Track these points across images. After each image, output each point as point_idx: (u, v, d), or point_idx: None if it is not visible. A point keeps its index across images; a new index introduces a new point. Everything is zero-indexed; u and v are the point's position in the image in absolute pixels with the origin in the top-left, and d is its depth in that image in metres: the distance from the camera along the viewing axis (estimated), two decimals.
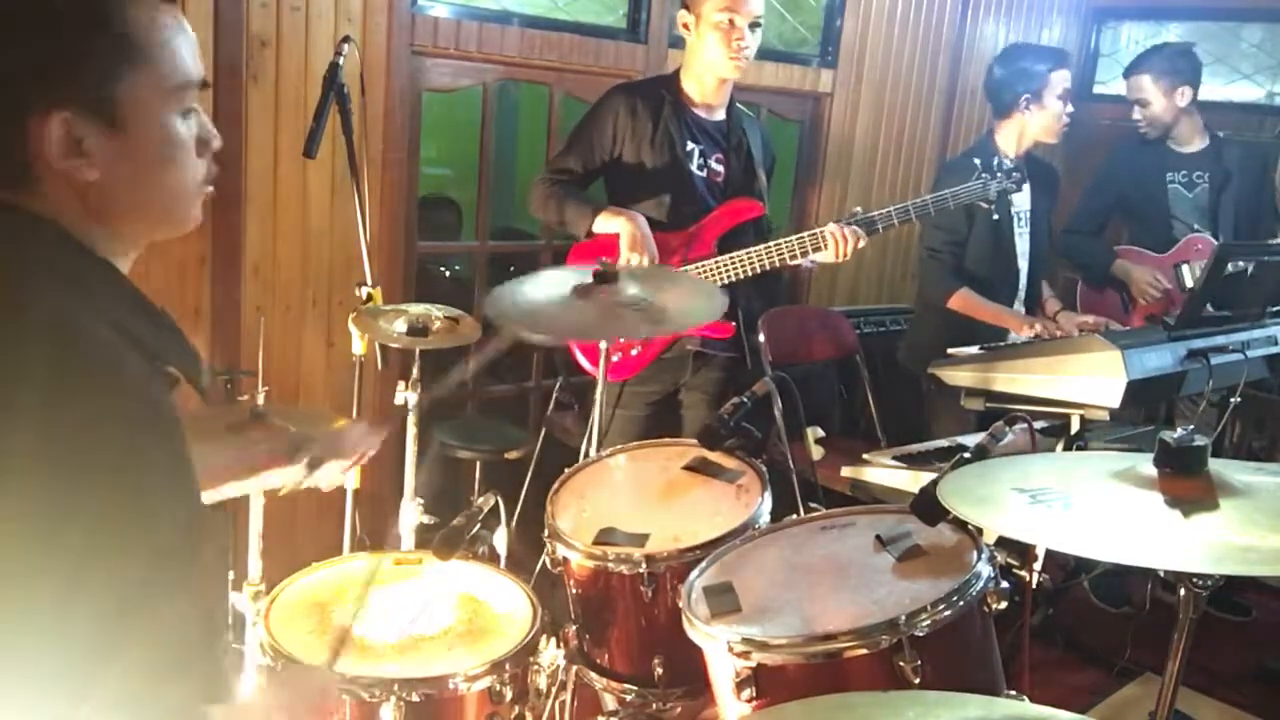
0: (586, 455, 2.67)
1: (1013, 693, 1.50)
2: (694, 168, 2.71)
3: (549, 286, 1.99)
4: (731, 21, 2.55)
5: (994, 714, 0.98)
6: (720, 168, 2.75)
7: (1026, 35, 4.74)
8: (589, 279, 1.94)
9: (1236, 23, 4.70)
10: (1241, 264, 3.16)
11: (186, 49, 0.99)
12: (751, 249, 2.64)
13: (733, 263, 2.64)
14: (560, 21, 3.40)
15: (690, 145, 2.70)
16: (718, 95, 2.72)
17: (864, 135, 4.31)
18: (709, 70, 2.64)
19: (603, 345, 2.26)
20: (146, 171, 0.98)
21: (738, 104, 2.82)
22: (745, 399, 2.00)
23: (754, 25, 2.59)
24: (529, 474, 3.11)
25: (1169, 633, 1.42)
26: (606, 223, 2.60)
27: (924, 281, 3.26)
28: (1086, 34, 5.09)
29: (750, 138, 2.80)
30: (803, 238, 2.61)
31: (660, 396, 2.81)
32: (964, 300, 3.08)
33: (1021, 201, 3.19)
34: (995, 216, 2.93)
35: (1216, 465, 1.35)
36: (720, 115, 2.76)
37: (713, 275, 2.65)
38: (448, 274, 3.97)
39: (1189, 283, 3.45)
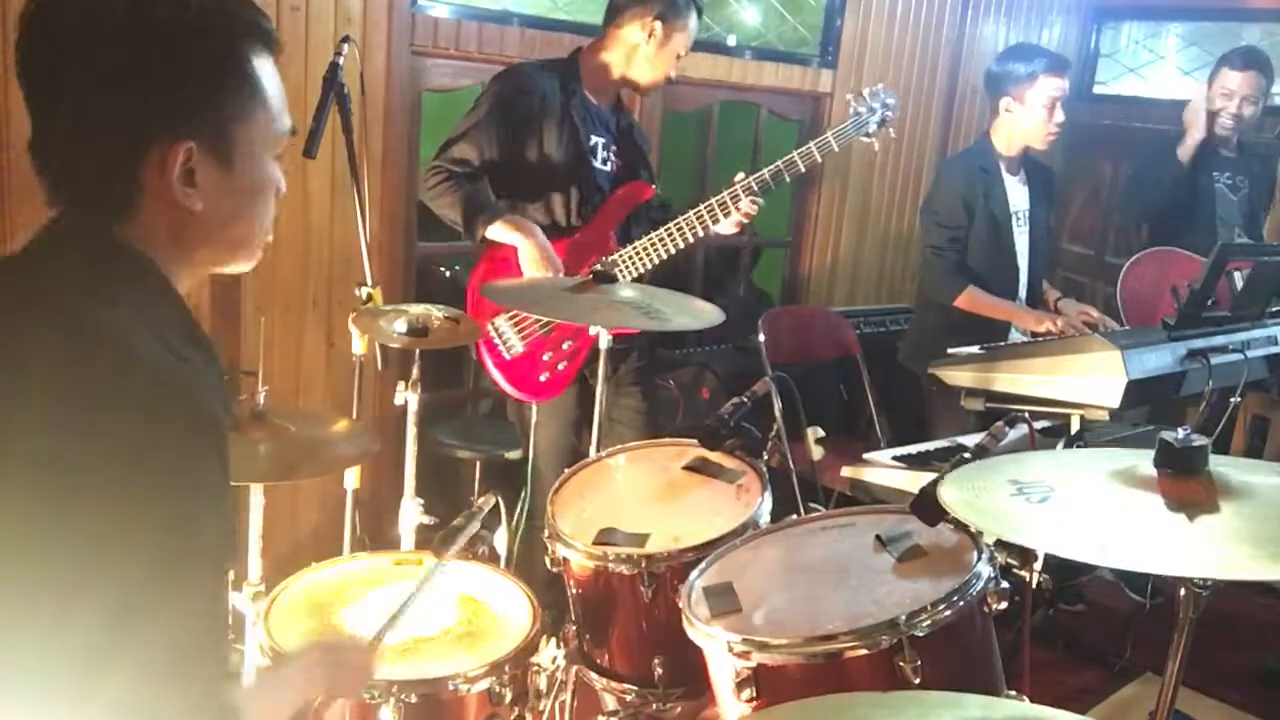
0: (531, 465, 2.73)
1: (1013, 693, 1.50)
2: (598, 162, 2.67)
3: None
4: (680, 56, 2.66)
5: (994, 714, 0.98)
6: (618, 159, 2.73)
7: (1027, 35, 4.74)
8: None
9: (1236, 23, 4.70)
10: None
11: (283, 100, 1.07)
12: (664, 228, 2.62)
13: (651, 246, 2.62)
14: (560, 21, 3.39)
15: (594, 139, 2.66)
16: (613, 84, 2.71)
17: None
18: (639, 78, 2.66)
19: (603, 344, 2.26)
20: (243, 209, 1.04)
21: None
22: (745, 399, 2.00)
23: None
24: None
25: (1169, 633, 1.42)
26: (502, 234, 2.54)
27: (929, 280, 3.21)
28: (1086, 34, 5.08)
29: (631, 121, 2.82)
30: (700, 211, 2.61)
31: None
32: (972, 298, 3.05)
33: (1019, 200, 3.18)
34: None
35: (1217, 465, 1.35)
36: (608, 102, 2.74)
37: (636, 263, 2.63)
38: (448, 274, 3.97)
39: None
